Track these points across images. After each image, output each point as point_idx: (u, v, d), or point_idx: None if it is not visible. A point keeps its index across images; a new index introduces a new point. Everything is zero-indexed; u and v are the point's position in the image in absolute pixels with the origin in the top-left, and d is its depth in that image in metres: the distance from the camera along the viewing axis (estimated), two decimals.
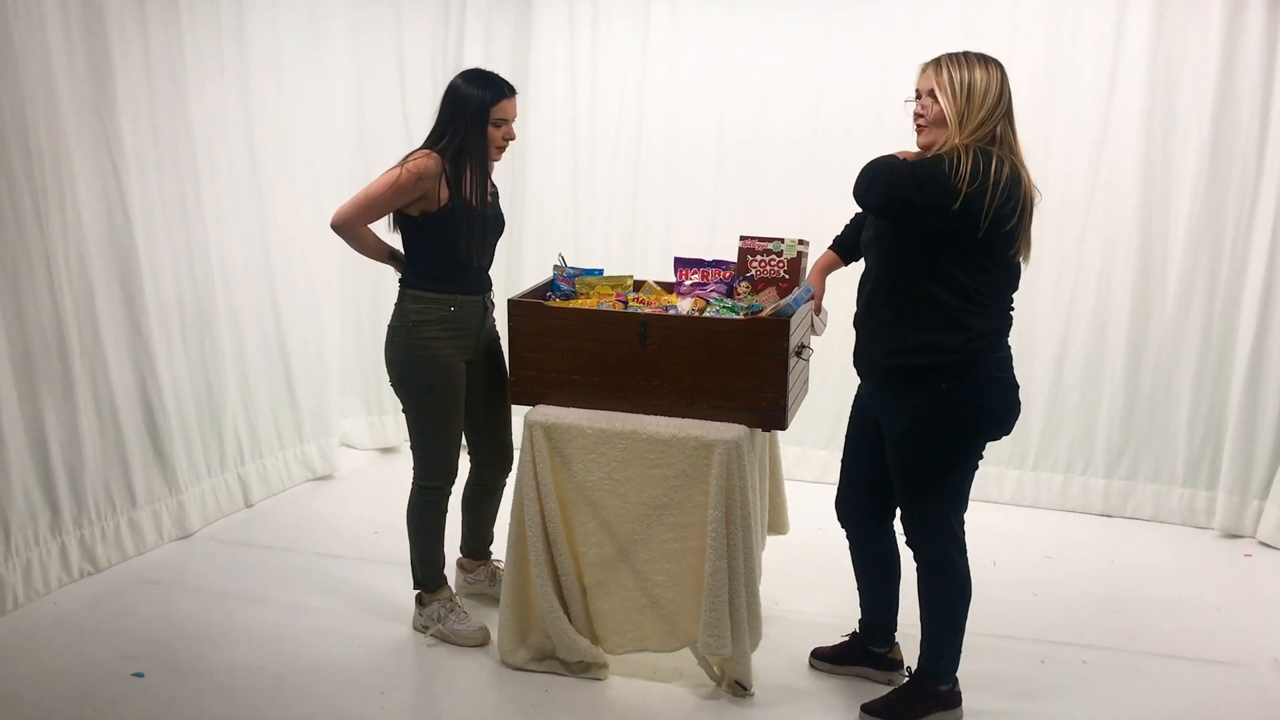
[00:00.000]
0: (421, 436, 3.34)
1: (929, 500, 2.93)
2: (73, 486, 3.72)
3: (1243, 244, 4.43)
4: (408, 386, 3.32)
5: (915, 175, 2.68)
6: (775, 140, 4.88)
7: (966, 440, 2.89)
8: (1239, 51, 4.30)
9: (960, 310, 2.78)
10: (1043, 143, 4.59)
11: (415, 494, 3.41)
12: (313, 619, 3.54)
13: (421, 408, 3.32)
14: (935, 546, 2.96)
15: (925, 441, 2.87)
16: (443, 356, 3.28)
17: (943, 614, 2.99)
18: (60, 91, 3.54)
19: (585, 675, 3.20)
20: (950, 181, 2.63)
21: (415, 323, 3.26)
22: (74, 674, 3.15)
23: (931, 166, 2.67)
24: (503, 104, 3.20)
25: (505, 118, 3.21)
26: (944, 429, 2.85)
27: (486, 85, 3.20)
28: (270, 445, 4.65)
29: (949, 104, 2.71)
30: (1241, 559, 4.32)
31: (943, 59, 2.77)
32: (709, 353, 3.07)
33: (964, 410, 2.84)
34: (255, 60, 4.38)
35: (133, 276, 3.87)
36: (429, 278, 3.26)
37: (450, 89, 3.23)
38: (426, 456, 3.36)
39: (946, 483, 2.92)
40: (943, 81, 2.73)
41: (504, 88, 3.22)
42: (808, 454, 5.02)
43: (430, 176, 3.15)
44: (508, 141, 3.26)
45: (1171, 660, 3.44)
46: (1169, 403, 4.61)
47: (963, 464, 2.93)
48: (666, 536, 3.07)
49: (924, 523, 2.96)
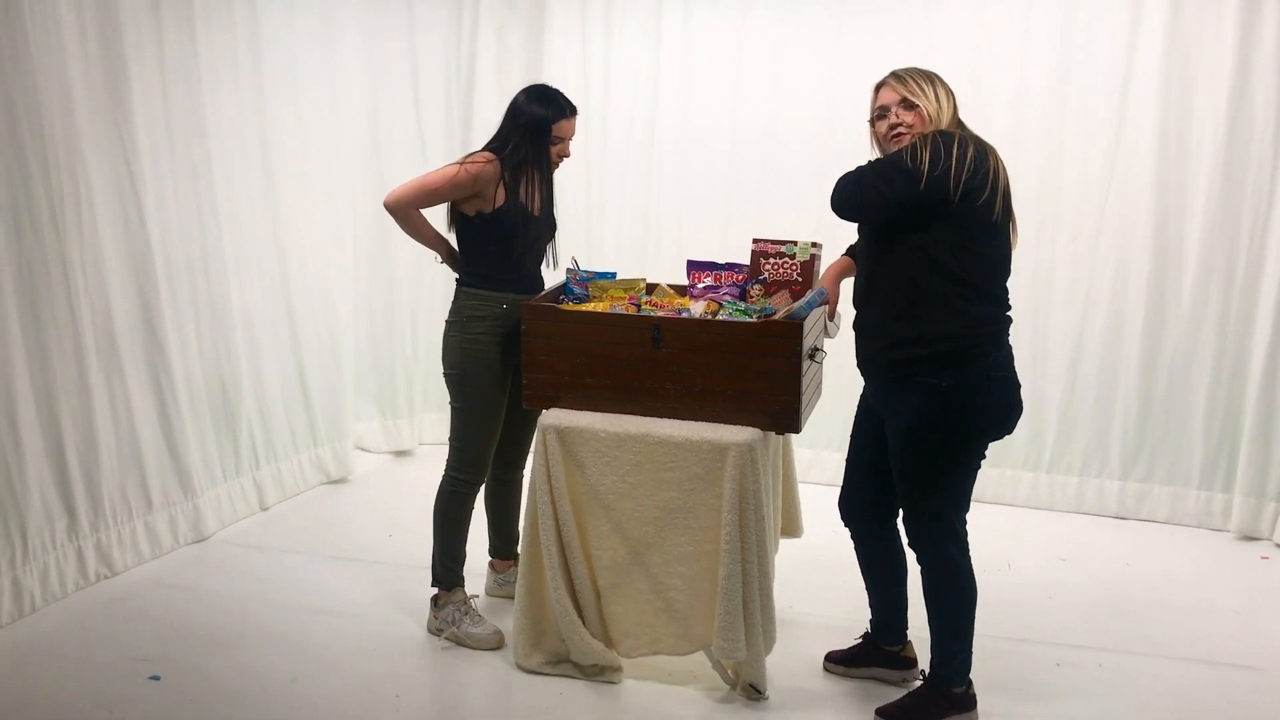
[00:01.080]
0: (463, 429, 3.40)
1: (931, 500, 2.94)
2: (89, 490, 3.74)
3: (1258, 244, 4.41)
4: (457, 380, 3.39)
5: (878, 171, 2.80)
6: (788, 142, 4.88)
7: (968, 440, 2.91)
8: (1253, 50, 4.29)
9: (951, 295, 2.81)
10: (1057, 144, 4.59)
11: (445, 484, 3.45)
12: (328, 622, 3.55)
13: (467, 402, 3.38)
14: (937, 547, 2.97)
15: (927, 440, 2.89)
16: (492, 354, 3.34)
17: (948, 615, 3.00)
18: (76, 98, 3.56)
19: (599, 679, 3.20)
20: (912, 166, 2.73)
21: (469, 318, 3.35)
22: (90, 677, 3.16)
23: (892, 159, 2.80)
24: (562, 123, 3.31)
25: (563, 136, 3.33)
26: (946, 428, 2.87)
27: (549, 104, 3.30)
28: (285, 449, 4.67)
29: (927, 107, 2.84)
30: (1258, 561, 4.30)
31: (903, 73, 2.90)
32: (722, 356, 3.07)
33: (966, 409, 2.86)
34: (269, 66, 4.41)
35: (148, 281, 3.89)
36: (483, 276, 3.35)
37: (513, 104, 3.34)
38: (464, 449, 3.41)
39: (948, 482, 2.94)
40: (913, 90, 2.86)
41: (565, 107, 3.32)
42: (821, 457, 5.01)
43: (487, 180, 3.26)
44: (562, 158, 3.39)
45: (1188, 663, 3.42)
46: (1184, 404, 4.59)
47: (964, 463, 2.94)
48: (680, 540, 3.07)
49: (926, 522, 2.96)
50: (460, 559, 3.49)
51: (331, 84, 4.78)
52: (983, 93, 4.57)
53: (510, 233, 3.29)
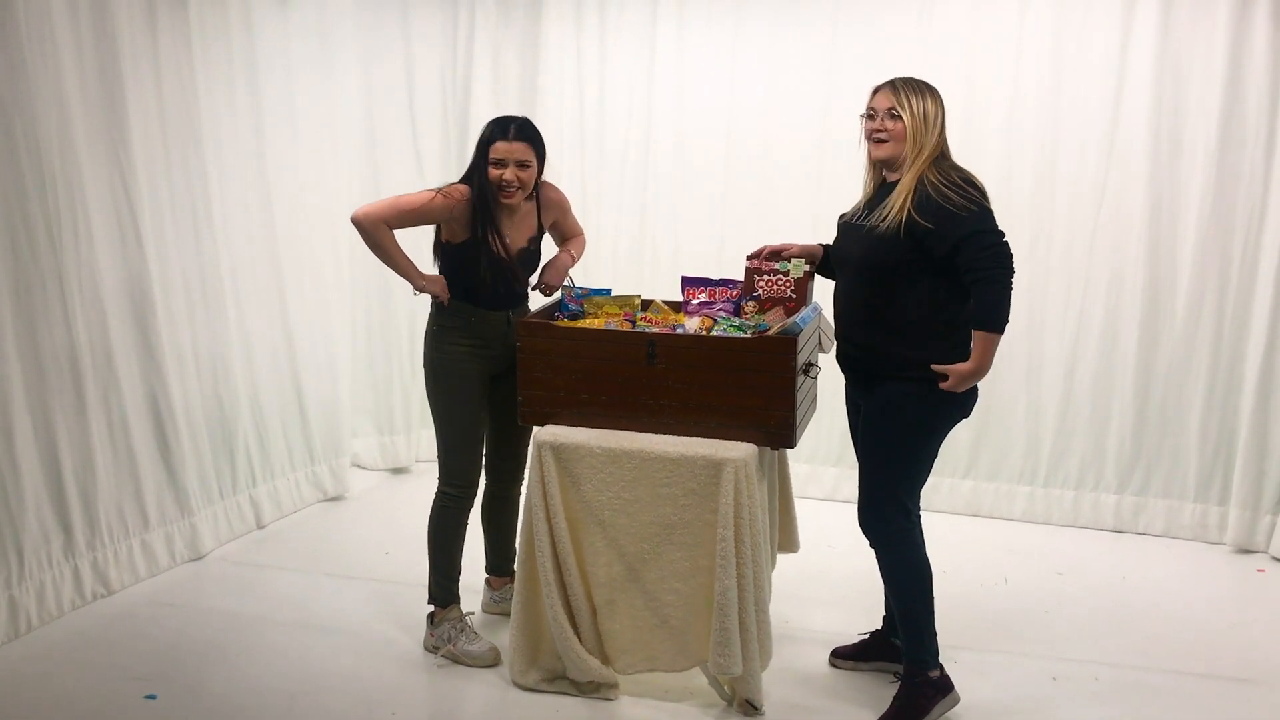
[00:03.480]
0: (444, 443, 3.42)
1: (893, 479, 3.05)
2: (85, 509, 3.74)
3: (1251, 257, 4.42)
4: (432, 391, 3.41)
5: (1004, 259, 2.87)
6: (783, 157, 4.89)
7: (936, 420, 3.04)
8: (1245, 62, 4.31)
9: (945, 324, 2.97)
10: (1050, 158, 4.60)
11: (437, 500, 3.46)
12: (324, 640, 3.55)
13: (444, 412, 3.40)
14: (894, 526, 3.07)
15: (898, 419, 3.01)
16: (464, 365, 3.35)
17: (912, 595, 3.09)
18: (73, 115, 3.58)
19: (596, 695, 3.20)
20: (995, 224, 2.89)
21: (440, 328, 3.37)
22: (87, 696, 3.16)
23: (995, 240, 2.87)
24: (498, 144, 3.22)
25: (501, 159, 3.22)
26: (917, 410, 3.00)
27: (493, 125, 3.27)
28: (282, 466, 4.67)
29: (911, 123, 2.96)
30: (1254, 574, 4.30)
31: (899, 83, 3.01)
32: (717, 371, 3.08)
33: (937, 399, 2.98)
34: (265, 78, 4.43)
35: (145, 297, 3.90)
36: (457, 290, 3.35)
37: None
38: (447, 461, 3.42)
39: (917, 463, 3.06)
40: (903, 102, 2.97)
41: (507, 128, 3.23)
42: (817, 471, 5.01)
43: (460, 212, 3.26)
44: (511, 185, 3.24)
45: (1184, 677, 3.42)
46: (1180, 418, 4.60)
47: (934, 445, 3.07)
48: (676, 556, 3.07)
49: (885, 502, 3.07)
50: (455, 576, 3.49)
51: (328, 100, 4.80)
52: (976, 106, 4.60)
53: (472, 267, 3.29)
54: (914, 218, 2.87)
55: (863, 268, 3.02)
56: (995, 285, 2.85)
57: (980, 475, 4.88)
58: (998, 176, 4.62)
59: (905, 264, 2.93)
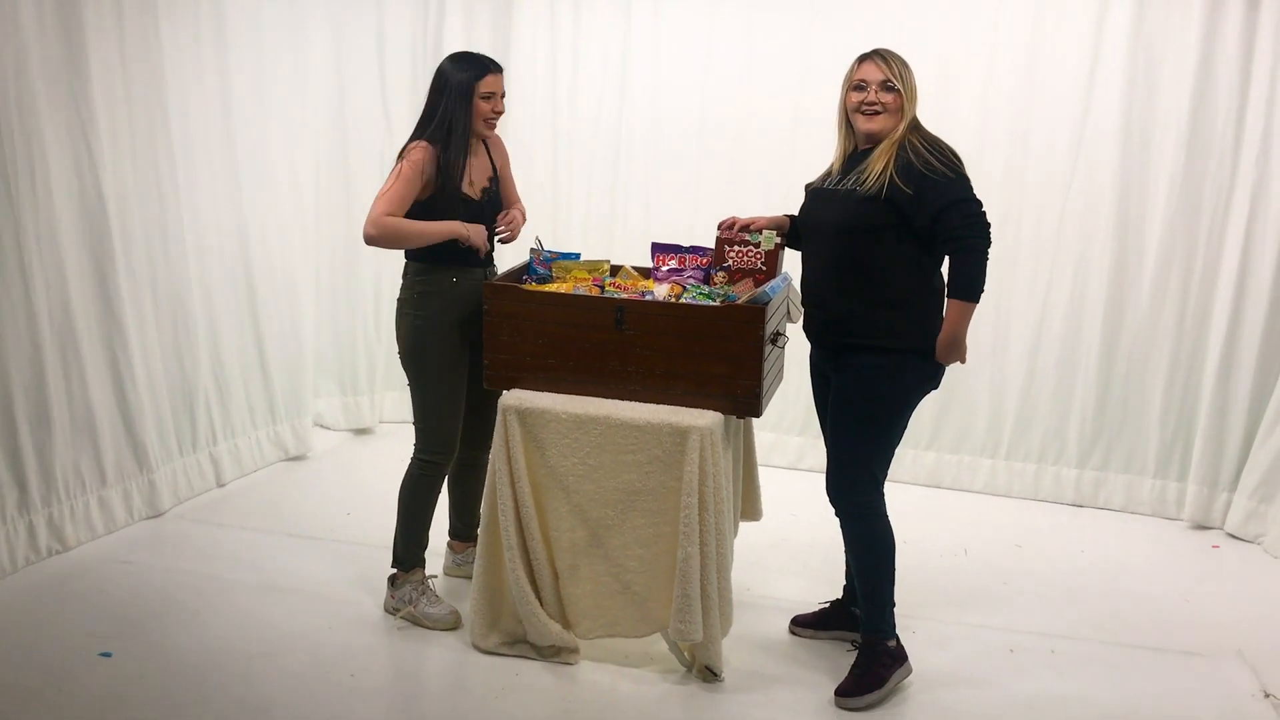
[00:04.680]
0: (425, 409, 3.37)
1: (866, 451, 3.07)
2: (41, 464, 3.68)
3: (1217, 238, 4.46)
4: (414, 360, 3.35)
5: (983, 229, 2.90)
6: (758, 128, 4.87)
7: (909, 393, 3.06)
8: (1216, 50, 4.33)
9: (920, 289, 3.00)
10: (1022, 137, 4.62)
11: (414, 467, 3.42)
12: (284, 600, 3.53)
13: (427, 381, 3.35)
14: (864, 497, 3.09)
15: (872, 392, 3.02)
16: (448, 330, 3.32)
17: (876, 566, 3.12)
18: (32, 68, 3.49)
19: (556, 660, 3.20)
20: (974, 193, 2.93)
21: (420, 294, 3.31)
22: (40, 653, 3.13)
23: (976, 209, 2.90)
24: (487, 78, 3.25)
25: (494, 91, 3.27)
26: (891, 383, 3.01)
27: (471, 64, 3.26)
28: (243, 425, 4.63)
29: (906, 93, 2.97)
30: (1209, 550, 4.36)
31: (886, 54, 3.00)
32: (685, 339, 3.07)
33: (915, 372, 3.02)
34: (233, 41, 4.34)
35: (105, 254, 3.83)
36: (433, 251, 3.28)
37: (438, 72, 3.28)
38: (429, 430, 3.38)
39: (886, 434, 3.08)
40: (896, 73, 2.96)
41: (488, 64, 3.28)
42: (782, 440, 5.03)
43: (429, 166, 3.21)
44: (498, 115, 3.31)
45: (1139, 650, 3.47)
46: (1142, 394, 4.65)
47: (904, 417, 3.08)
48: (639, 522, 3.07)
49: (856, 474, 3.08)
50: (423, 542, 3.47)
51: (297, 64, 4.72)
52: (950, 85, 4.60)
53: (453, 214, 3.25)
54: (896, 183, 2.88)
55: (840, 231, 3.01)
56: (973, 254, 2.86)
57: (943, 447, 4.90)
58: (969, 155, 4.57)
59: (882, 228, 2.93)
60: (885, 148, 2.93)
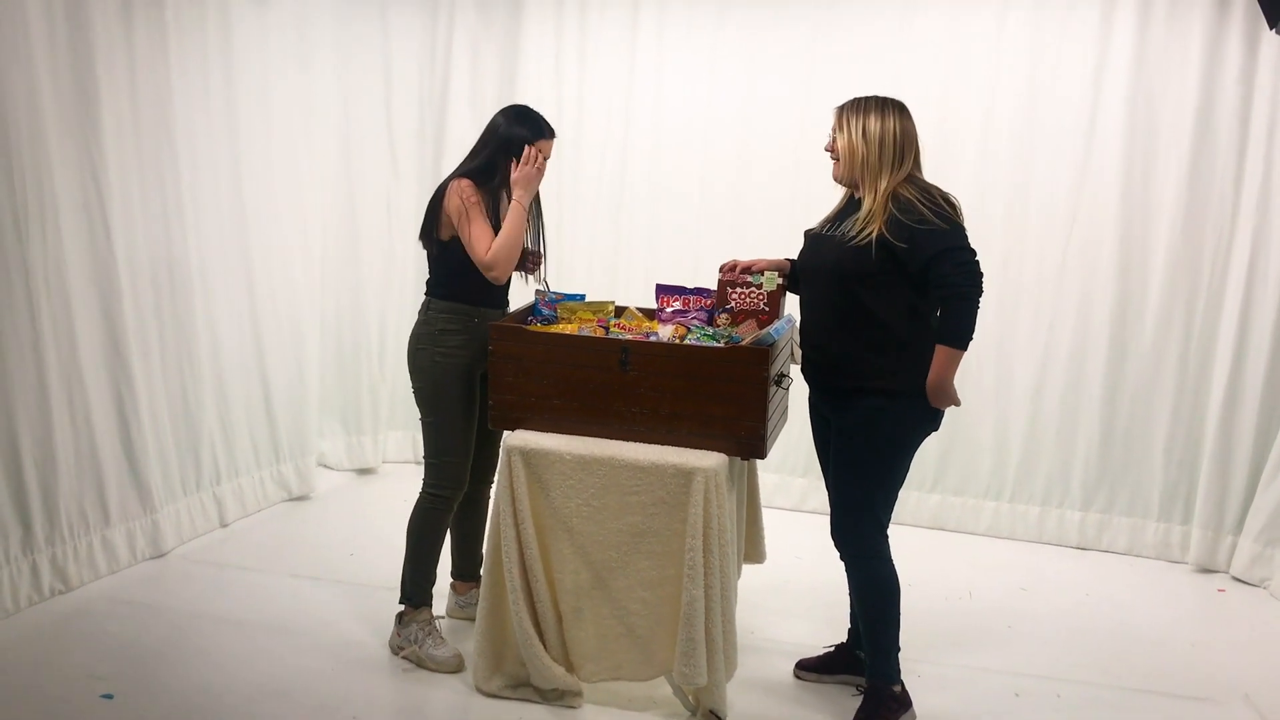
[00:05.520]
0: (438, 444, 3.39)
1: (869, 495, 3.06)
2: (46, 503, 3.68)
3: (1219, 280, 4.48)
4: (430, 395, 3.38)
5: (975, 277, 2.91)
6: (760, 166, 4.91)
7: (909, 435, 3.06)
8: (1217, 88, 4.37)
9: (918, 331, 2.99)
10: (1024, 178, 4.64)
11: (424, 501, 3.43)
12: (286, 641, 3.51)
13: (442, 416, 3.38)
14: (868, 541, 3.09)
15: (873, 435, 3.02)
16: (466, 367, 3.35)
17: (881, 610, 3.11)
18: (44, 104, 3.53)
19: (559, 703, 3.18)
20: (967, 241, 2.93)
21: (441, 331, 3.34)
22: (42, 694, 3.11)
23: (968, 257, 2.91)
24: (540, 143, 3.33)
25: (545, 153, 3.35)
26: (891, 425, 3.02)
27: (528, 123, 3.34)
28: (247, 465, 4.63)
29: (846, 143, 3.03)
30: (1215, 594, 4.35)
31: (845, 104, 3.08)
32: (689, 380, 3.08)
33: (914, 414, 3.02)
34: (240, 74, 4.39)
35: (112, 291, 3.85)
36: (457, 290, 3.34)
37: (491, 125, 3.37)
38: (441, 464, 3.40)
39: (889, 477, 3.07)
40: (840, 124, 3.06)
41: (544, 128, 3.36)
42: (786, 482, 5.02)
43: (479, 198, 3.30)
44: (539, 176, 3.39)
45: (1145, 695, 3.45)
46: (1145, 437, 4.65)
47: (905, 459, 3.09)
48: (644, 564, 3.06)
49: (860, 517, 3.07)
50: (432, 578, 3.48)
51: (303, 97, 4.77)
52: (950, 125, 4.63)
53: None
54: (886, 237, 2.90)
55: (835, 275, 3.03)
56: (964, 302, 2.88)
57: (947, 490, 4.90)
58: (970, 195, 4.63)
59: (877, 273, 2.95)
60: (874, 203, 2.95)
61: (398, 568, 3.49)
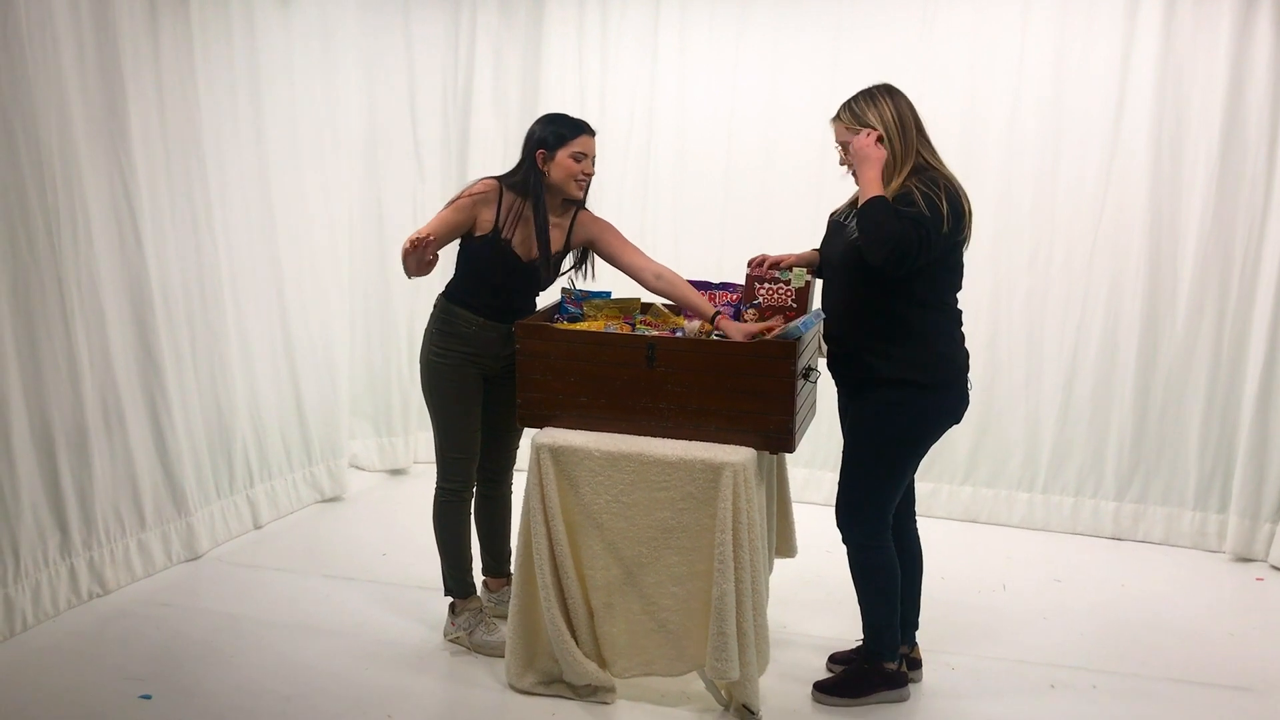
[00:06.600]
0: (439, 439, 3.45)
1: (876, 488, 3.07)
2: (82, 508, 3.73)
3: (1252, 266, 4.43)
4: (426, 390, 3.44)
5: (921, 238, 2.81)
6: (784, 163, 4.90)
7: (922, 430, 3.06)
8: (1246, 74, 4.32)
9: (934, 318, 3.01)
10: (1051, 168, 4.61)
11: (436, 495, 3.49)
12: (320, 641, 3.54)
13: (438, 413, 3.43)
14: (871, 529, 3.11)
15: (885, 430, 3.03)
16: (459, 368, 3.37)
17: (877, 594, 3.15)
18: (73, 114, 3.57)
19: (592, 699, 3.19)
20: (941, 230, 2.84)
21: (437, 331, 3.38)
22: (81, 696, 3.15)
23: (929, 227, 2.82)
24: (582, 139, 3.28)
25: (584, 152, 3.29)
26: (905, 417, 3.02)
27: (562, 123, 3.30)
28: (280, 467, 4.67)
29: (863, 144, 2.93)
30: (1253, 583, 4.30)
31: (841, 111, 3.02)
32: (716, 375, 3.07)
33: (930, 408, 3.03)
34: (267, 81, 4.42)
35: (144, 298, 3.89)
36: (464, 293, 3.36)
37: (528, 133, 3.34)
38: (445, 459, 3.46)
39: (897, 472, 3.08)
40: (853, 121, 2.99)
41: (581, 125, 3.31)
42: (816, 476, 5.01)
43: (486, 203, 3.27)
44: (587, 176, 3.33)
45: (1183, 685, 3.42)
46: (1179, 425, 4.60)
47: (916, 456, 3.10)
48: (674, 560, 3.06)
49: (865, 508, 3.09)
50: (466, 567, 3.53)
51: (329, 102, 4.80)
52: (977, 116, 4.61)
53: (486, 269, 3.30)
54: None
55: (845, 266, 3.04)
56: (901, 219, 2.81)
57: (979, 481, 4.87)
58: (999, 187, 4.63)
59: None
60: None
61: (430, 567, 3.55)
